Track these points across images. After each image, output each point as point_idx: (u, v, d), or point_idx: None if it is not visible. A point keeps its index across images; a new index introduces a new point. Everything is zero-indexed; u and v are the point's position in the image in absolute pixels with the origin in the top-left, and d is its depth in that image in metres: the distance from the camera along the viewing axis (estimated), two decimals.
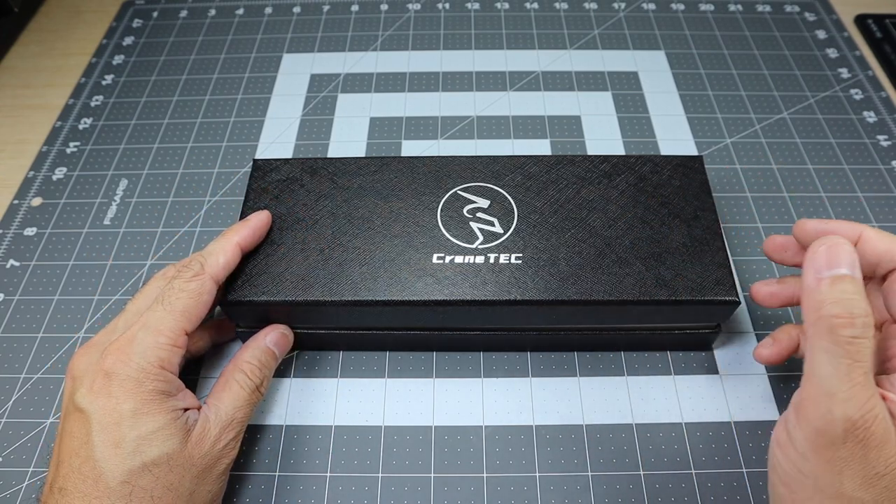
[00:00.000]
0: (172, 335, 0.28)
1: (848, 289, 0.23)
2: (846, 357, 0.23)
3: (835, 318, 0.23)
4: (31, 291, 0.39)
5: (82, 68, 0.53)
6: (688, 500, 0.31)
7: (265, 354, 0.32)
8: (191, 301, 0.29)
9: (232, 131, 0.48)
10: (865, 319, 0.23)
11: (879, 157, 0.45)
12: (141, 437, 0.26)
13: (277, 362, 0.33)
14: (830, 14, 0.55)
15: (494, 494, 0.32)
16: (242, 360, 0.32)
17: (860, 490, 0.22)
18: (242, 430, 0.30)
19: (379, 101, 0.49)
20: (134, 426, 0.26)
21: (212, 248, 0.31)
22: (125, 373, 0.27)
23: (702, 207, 0.34)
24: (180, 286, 0.29)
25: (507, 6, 0.57)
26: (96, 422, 0.26)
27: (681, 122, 0.47)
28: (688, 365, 0.36)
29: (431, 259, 0.33)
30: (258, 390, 0.31)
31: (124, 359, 0.27)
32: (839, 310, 0.23)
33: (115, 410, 0.26)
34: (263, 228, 0.33)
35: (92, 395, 0.27)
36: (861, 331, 0.23)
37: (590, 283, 0.32)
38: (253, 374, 0.31)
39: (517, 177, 0.36)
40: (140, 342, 0.28)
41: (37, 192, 0.45)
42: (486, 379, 0.35)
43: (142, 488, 0.26)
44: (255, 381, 0.31)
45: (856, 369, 0.22)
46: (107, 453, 0.26)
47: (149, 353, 0.28)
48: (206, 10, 0.57)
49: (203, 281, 0.30)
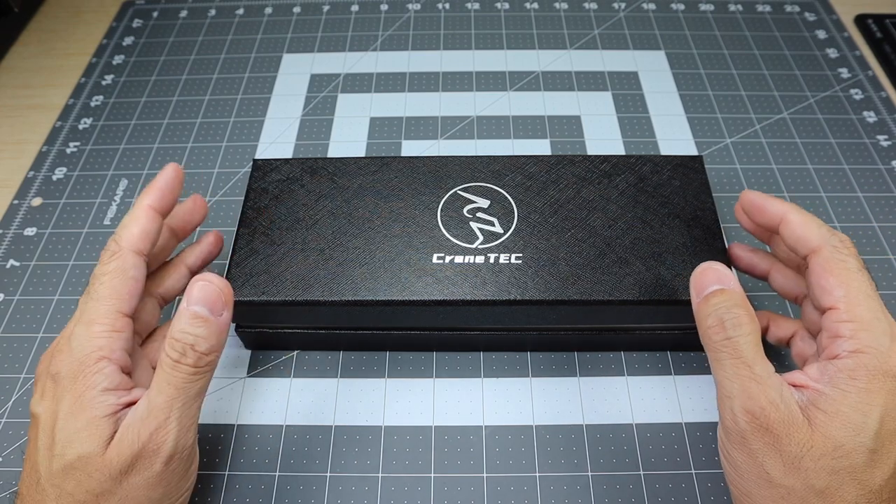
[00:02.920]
0: (107, 321, 0.27)
1: (719, 300, 0.26)
2: (729, 358, 0.25)
3: (709, 329, 0.26)
4: (31, 291, 0.39)
5: (82, 68, 0.53)
6: (688, 500, 0.31)
7: (186, 319, 0.27)
8: (115, 281, 0.28)
9: (232, 131, 0.48)
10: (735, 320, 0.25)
11: (879, 157, 0.45)
12: (66, 438, 0.25)
13: (211, 323, 0.27)
14: (830, 14, 0.55)
15: (494, 494, 0.32)
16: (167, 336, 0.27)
17: (787, 477, 0.24)
18: (170, 419, 0.26)
19: (379, 101, 0.49)
20: (65, 426, 0.25)
21: (124, 221, 0.29)
22: (65, 371, 0.26)
23: (702, 207, 0.34)
24: (101, 271, 0.28)
25: (507, 6, 0.57)
26: (42, 427, 0.26)
27: (681, 122, 0.47)
28: (688, 365, 0.36)
29: (431, 259, 0.33)
30: (180, 364, 0.26)
31: (65, 357, 0.27)
32: (711, 321, 0.26)
33: (55, 412, 0.26)
34: (173, 182, 0.31)
35: (41, 400, 0.27)
36: (731, 331, 0.25)
37: (590, 284, 0.32)
38: (170, 346, 0.26)
39: (517, 177, 0.36)
40: (76, 337, 0.27)
41: (37, 192, 0.45)
42: (486, 379, 0.35)
43: (67, 493, 0.25)
44: (173, 355, 0.26)
45: (740, 366, 0.25)
46: (43, 456, 0.26)
47: (85, 345, 0.26)
48: (206, 10, 0.57)
49: (121, 258, 0.28)
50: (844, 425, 0.24)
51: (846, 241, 0.27)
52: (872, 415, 0.24)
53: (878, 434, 0.24)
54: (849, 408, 0.24)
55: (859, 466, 0.23)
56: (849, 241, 0.28)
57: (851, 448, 0.23)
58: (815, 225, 0.28)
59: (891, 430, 0.24)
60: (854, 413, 0.24)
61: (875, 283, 0.27)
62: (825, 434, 0.24)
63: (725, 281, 0.27)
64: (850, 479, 0.23)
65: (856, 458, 0.23)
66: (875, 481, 0.23)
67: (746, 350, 0.25)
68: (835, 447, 0.23)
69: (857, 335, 0.25)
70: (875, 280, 0.38)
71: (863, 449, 0.23)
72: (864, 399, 0.24)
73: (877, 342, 0.25)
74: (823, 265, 0.27)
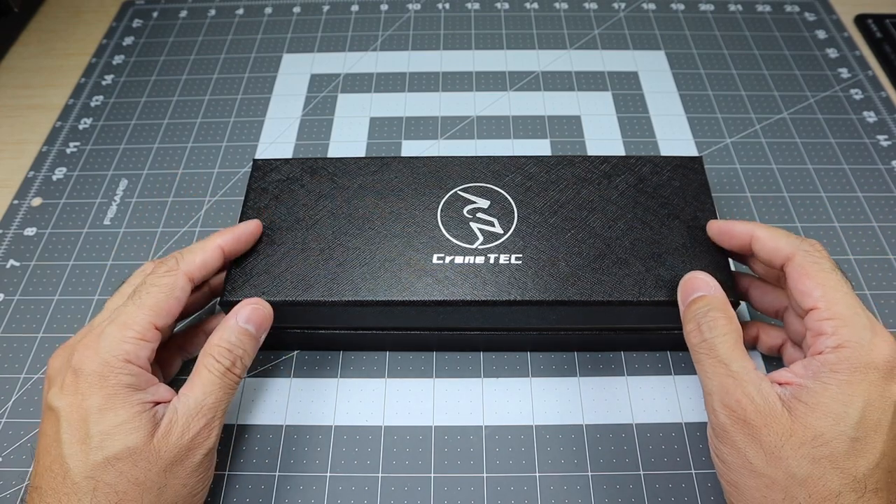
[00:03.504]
0: (140, 328, 0.28)
1: (698, 306, 0.28)
2: (706, 357, 0.27)
3: (689, 333, 0.28)
4: (31, 291, 0.39)
5: (82, 68, 0.53)
6: (688, 500, 0.31)
7: (236, 333, 0.30)
8: (161, 296, 0.29)
9: (232, 131, 0.48)
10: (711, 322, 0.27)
11: (879, 157, 0.45)
12: (104, 431, 0.26)
13: (256, 339, 0.31)
14: (830, 14, 0.55)
15: (494, 494, 0.32)
16: (212, 344, 0.30)
17: (769, 466, 0.25)
18: (216, 417, 0.29)
19: (379, 101, 0.49)
20: (99, 421, 0.26)
21: (192, 247, 0.32)
22: (90, 368, 0.27)
23: (701, 208, 0.34)
24: (153, 281, 0.30)
25: (507, 6, 0.57)
26: (64, 419, 0.27)
27: (681, 122, 0.47)
28: (688, 365, 0.36)
29: (431, 259, 0.33)
30: (230, 372, 0.29)
31: (90, 354, 0.27)
32: (690, 325, 0.28)
33: (81, 406, 0.27)
34: (251, 236, 0.33)
35: (62, 393, 0.27)
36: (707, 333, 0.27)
37: (589, 284, 0.32)
38: (221, 356, 0.29)
39: (517, 177, 0.36)
40: (107, 337, 0.28)
41: (37, 192, 0.45)
42: (486, 379, 0.35)
43: (106, 483, 0.26)
44: (225, 363, 0.29)
45: (717, 365, 0.26)
46: (73, 449, 0.26)
47: (114, 347, 0.27)
48: (206, 11, 0.57)
49: (176, 277, 0.30)
50: (825, 415, 0.24)
51: (816, 245, 0.29)
52: (854, 405, 0.24)
53: (859, 423, 0.24)
54: (830, 399, 0.25)
55: (840, 455, 0.24)
56: (819, 245, 0.29)
57: (831, 437, 0.24)
58: (783, 235, 0.30)
59: (874, 420, 0.24)
60: (835, 403, 0.25)
61: (851, 282, 0.28)
62: (805, 423, 0.24)
63: (707, 288, 0.29)
64: (831, 467, 0.24)
65: (836, 446, 0.24)
66: (859, 470, 0.24)
67: (722, 349, 0.26)
68: (814, 436, 0.24)
69: (838, 331, 0.26)
70: (875, 280, 0.39)
71: (843, 437, 0.24)
72: (846, 390, 0.25)
73: (858, 336, 0.26)
74: (799, 270, 0.28)
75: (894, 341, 0.26)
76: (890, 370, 0.25)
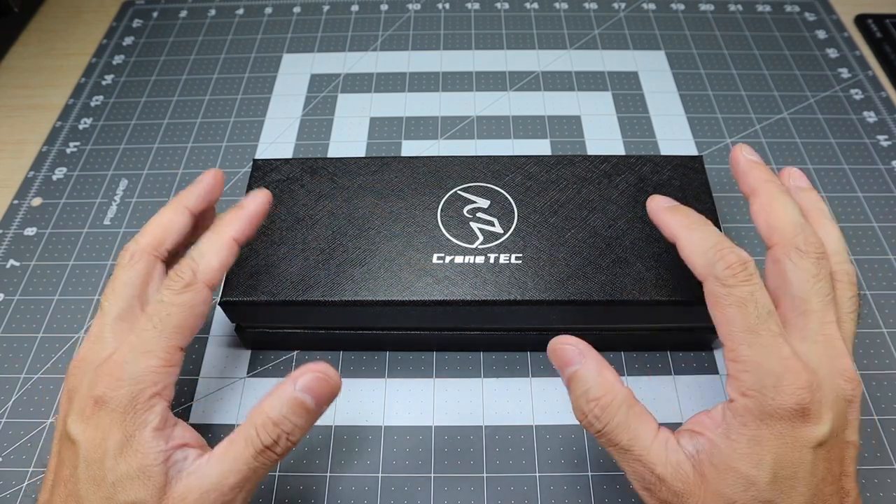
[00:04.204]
0: (166, 356, 0.26)
1: (575, 389, 0.26)
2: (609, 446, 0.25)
3: (584, 426, 0.26)
4: (31, 291, 0.39)
5: (82, 68, 0.53)
6: None
7: (289, 405, 0.25)
8: (183, 315, 0.26)
9: (232, 131, 0.48)
10: (597, 412, 0.25)
11: (879, 157, 0.45)
12: (118, 479, 0.24)
13: (312, 414, 0.26)
14: (830, 14, 0.55)
15: (494, 494, 0.32)
16: (259, 411, 0.25)
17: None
18: (239, 496, 0.25)
19: (379, 101, 0.49)
20: (115, 466, 0.24)
21: (204, 249, 0.27)
22: (115, 401, 0.25)
23: (702, 208, 0.34)
24: (171, 299, 0.26)
25: (507, 6, 0.57)
26: (83, 456, 0.24)
27: (681, 122, 0.47)
28: (688, 365, 0.36)
29: (431, 259, 0.33)
30: (269, 451, 0.25)
31: (114, 384, 0.25)
32: (581, 417, 0.26)
33: (101, 445, 0.24)
34: (261, 214, 0.29)
35: (83, 424, 0.25)
36: (598, 424, 0.25)
37: (590, 284, 0.32)
38: (265, 429, 0.25)
39: (517, 177, 0.36)
40: (131, 366, 0.25)
41: (37, 192, 0.45)
42: (485, 379, 0.35)
43: None
44: (265, 441, 0.24)
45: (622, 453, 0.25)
46: (89, 490, 0.24)
47: (141, 378, 0.25)
48: (206, 11, 0.57)
49: (196, 291, 0.26)
50: (735, 481, 0.23)
51: (734, 266, 0.24)
52: (764, 465, 0.22)
53: (772, 483, 0.22)
54: (739, 461, 0.23)
55: None
56: (738, 265, 0.24)
57: (744, 503, 0.23)
58: (702, 249, 0.25)
59: (788, 475, 0.23)
60: (745, 465, 0.23)
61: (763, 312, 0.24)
62: (716, 491, 0.23)
63: (576, 357, 0.26)
64: None
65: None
66: None
67: (618, 436, 0.25)
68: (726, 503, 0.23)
69: (740, 376, 0.24)
70: (875, 280, 0.39)
71: (755, 502, 0.22)
72: (755, 450, 0.23)
73: (759, 384, 0.23)
74: (709, 298, 0.25)
75: (804, 379, 0.23)
76: (800, 415, 0.22)
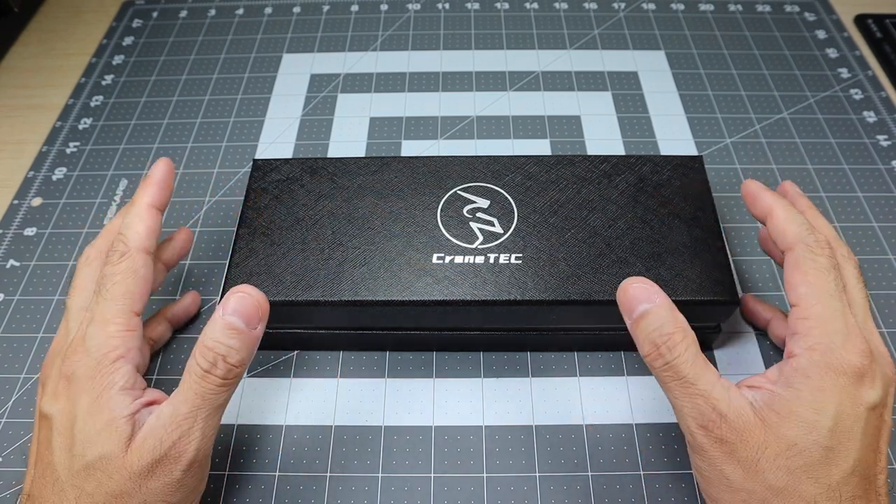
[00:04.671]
0: (121, 320, 0.27)
1: (648, 323, 0.26)
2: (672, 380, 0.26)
3: (647, 357, 0.26)
4: (31, 291, 0.39)
5: (82, 68, 0.53)
6: (687, 500, 0.31)
7: (220, 329, 0.26)
8: (128, 281, 0.28)
9: (232, 131, 0.48)
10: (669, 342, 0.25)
11: (879, 157, 0.45)
12: (86, 438, 0.25)
13: (245, 335, 0.26)
14: (830, 14, 0.55)
15: (494, 494, 0.32)
16: (197, 344, 0.26)
17: (746, 481, 0.24)
18: (194, 428, 0.25)
19: (379, 101, 0.49)
20: (83, 427, 0.25)
21: (128, 221, 0.30)
22: (82, 371, 0.26)
23: (702, 207, 0.34)
24: (111, 271, 0.28)
25: (507, 6, 0.57)
26: (56, 426, 0.26)
27: (681, 122, 0.47)
28: None
29: (431, 259, 0.33)
30: (209, 375, 0.26)
31: (80, 357, 0.27)
32: (647, 348, 0.26)
33: (71, 412, 0.26)
34: (168, 177, 0.31)
35: (53, 400, 0.27)
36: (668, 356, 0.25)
37: (590, 283, 0.32)
38: (202, 355, 0.26)
39: (517, 177, 0.36)
40: (91, 337, 0.27)
41: (37, 192, 0.45)
42: (486, 379, 0.35)
43: (87, 493, 0.25)
44: (204, 365, 0.25)
45: (684, 386, 0.25)
46: (61, 456, 0.25)
47: (102, 345, 0.27)
48: (206, 10, 0.57)
49: (132, 258, 0.29)
50: (798, 424, 0.24)
51: (821, 242, 0.27)
52: (826, 413, 0.24)
53: (832, 431, 0.24)
54: (802, 407, 0.24)
55: (815, 464, 0.24)
56: (825, 242, 0.28)
57: (805, 446, 0.24)
58: (797, 223, 0.28)
59: (846, 427, 0.24)
60: (807, 412, 0.24)
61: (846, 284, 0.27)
62: (778, 434, 0.24)
63: (650, 298, 0.27)
64: (806, 476, 0.24)
65: (810, 455, 0.24)
66: (833, 478, 0.24)
67: (685, 369, 0.25)
68: (788, 446, 0.24)
69: (811, 332, 0.25)
70: (875, 280, 0.39)
71: (817, 447, 0.24)
72: (818, 398, 0.24)
73: (829, 339, 0.25)
74: (792, 262, 0.27)
75: (866, 346, 0.25)
76: (859, 375, 0.25)
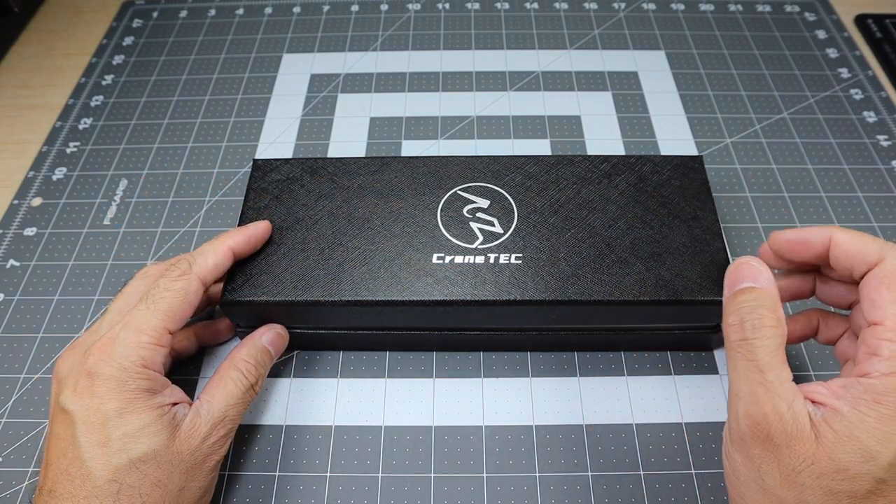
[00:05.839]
0: (155, 334, 0.28)
1: (745, 298, 0.25)
2: (742, 359, 0.24)
3: (729, 327, 0.25)
4: (31, 291, 0.39)
5: (82, 68, 0.53)
6: (688, 500, 0.31)
7: (261, 353, 0.32)
8: (175, 300, 0.29)
9: (232, 131, 0.48)
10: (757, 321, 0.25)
11: (879, 157, 0.45)
12: (127, 434, 0.26)
13: (273, 362, 0.33)
14: (830, 14, 0.55)
15: (494, 494, 0.32)
16: (238, 358, 0.31)
17: (781, 488, 0.23)
18: (234, 429, 0.30)
19: (379, 101, 0.49)
20: (119, 424, 0.26)
21: (202, 249, 0.31)
22: (108, 372, 0.27)
23: (702, 207, 0.34)
24: (165, 285, 0.29)
25: (507, 6, 0.57)
26: (81, 422, 0.26)
27: (681, 122, 0.47)
28: (688, 365, 0.36)
29: (431, 259, 0.33)
30: (252, 389, 0.31)
31: (106, 359, 0.27)
32: (732, 318, 0.25)
33: (100, 410, 0.26)
34: (260, 237, 0.33)
35: (76, 396, 0.27)
36: (750, 332, 0.24)
37: (590, 284, 0.32)
38: (248, 371, 0.31)
39: (517, 177, 0.36)
40: (122, 341, 0.28)
41: (37, 192, 0.45)
42: (486, 379, 0.35)
43: (129, 486, 0.26)
44: (251, 380, 0.31)
45: (752, 369, 0.24)
46: (93, 452, 0.26)
47: (131, 352, 0.27)
48: (206, 11, 0.57)
49: (189, 280, 0.30)
50: (855, 450, 0.22)
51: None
52: (890, 445, 0.22)
53: (892, 465, 0.22)
54: (864, 432, 0.22)
55: (861, 493, 0.22)
56: None
57: (856, 473, 0.22)
58: (868, 238, 0.26)
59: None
60: (869, 439, 0.22)
61: None
62: (830, 454, 0.23)
63: (759, 278, 0.26)
64: (847, 503, 0.22)
65: (859, 484, 0.22)
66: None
67: (762, 354, 0.24)
68: (837, 469, 0.22)
69: (895, 357, 0.23)
70: None
71: (869, 477, 0.22)
72: (885, 427, 0.22)
73: None
74: (881, 278, 0.25)
75: None
76: None
